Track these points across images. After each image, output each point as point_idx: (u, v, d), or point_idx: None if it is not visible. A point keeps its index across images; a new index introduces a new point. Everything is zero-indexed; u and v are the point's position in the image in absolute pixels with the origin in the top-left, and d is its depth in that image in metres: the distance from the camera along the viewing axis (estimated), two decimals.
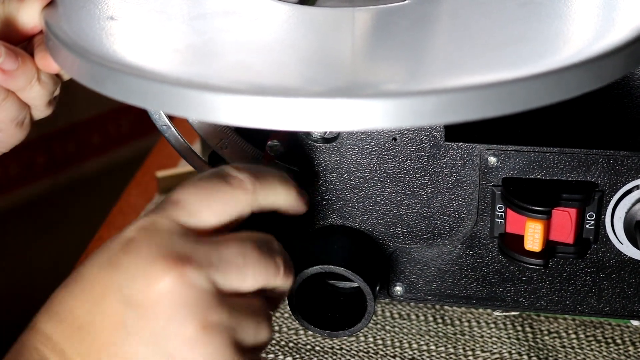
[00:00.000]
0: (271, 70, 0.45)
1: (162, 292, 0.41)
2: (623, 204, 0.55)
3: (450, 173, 0.56)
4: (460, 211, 0.57)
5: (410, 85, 0.42)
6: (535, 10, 0.51)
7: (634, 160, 0.54)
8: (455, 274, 0.59)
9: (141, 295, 0.41)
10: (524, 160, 0.55)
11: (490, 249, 0.58)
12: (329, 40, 0.51)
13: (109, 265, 0.42)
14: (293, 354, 0.62)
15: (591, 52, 0.43)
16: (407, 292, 0.60)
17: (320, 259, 0.55)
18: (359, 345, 0.63)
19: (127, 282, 0.41)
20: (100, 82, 0.45)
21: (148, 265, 0.41)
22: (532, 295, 0.59)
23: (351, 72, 0.46)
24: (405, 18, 0.52)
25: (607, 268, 0.57)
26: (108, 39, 0.48)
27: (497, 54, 0.45)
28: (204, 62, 0.47)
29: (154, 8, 0.54)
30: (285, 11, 0.54)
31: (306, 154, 0.57)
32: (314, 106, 0.40)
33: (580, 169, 0.54)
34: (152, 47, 0.48)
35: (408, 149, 0.56)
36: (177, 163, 0.89)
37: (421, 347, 0.62)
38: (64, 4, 0.53)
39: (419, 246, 0.59)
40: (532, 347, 0.62)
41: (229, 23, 0.52)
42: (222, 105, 0.41)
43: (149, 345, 0.41)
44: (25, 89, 0.52)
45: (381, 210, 0.58)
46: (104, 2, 0.54)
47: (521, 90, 0.41)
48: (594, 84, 0.43)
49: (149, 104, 0.43)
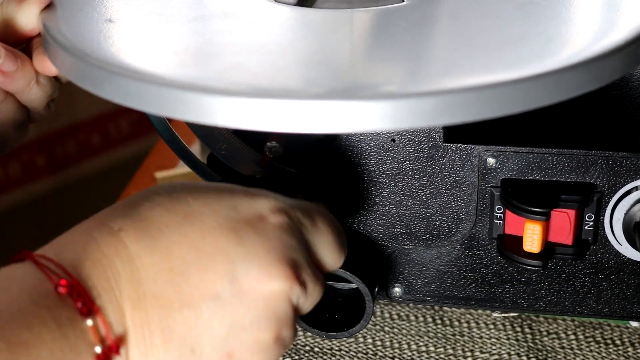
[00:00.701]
0: (269, 72, 0.45)
1: (268, 293, 0.41)
2: (622, 205, 0.55)
3: (449, 174, 0.56)
4: (459, 212, 0.57)
5: (409, 87, 0.42)
6: (533, 11, 0.50)
7: (632, 162, 0.54)
8: (454, 275, 0.59)
9: (249, 284, 0.41)
10: (523, 161, 0.55)
11: (489, 250, 0.58)
12: (327, 42, 0.51)
13: (233, 231, 0.41)
14: (292, 355, 0.62)
15: (590, 53, 0.43)
16: (406, 293, 0.60)
17: None
18: (357, 346, 0.63)
19: (244, 264, 0.41)
20: (98, 85, 0.45)
21: (270, 261, 0.41)
22: (531, 296, 0.59)
23: (349, 73, 0.46)
24: (404, 19, 0.52)
25: (606, 269, 0.57)
26: (106, 42, 0.48)
27: (496, 55, 0.45)
28: (201, 64, 0.47)
29: (153, 10, 0.54)
30: (283, 13, 0.54)
31: (305, 155, 0.57)
32: (312, 108, 0.40)
33: (579, 170, 0.54)
34: (150, 50, 0.48)
35: (407, 151, 0.56)
36: (176, 164, 0.89)
37: (420, 348, 0.62)
38: (62, 7, 0.53)
39: (418, 247, 0.59)
40: (531, 348, 0.62)
41: (227, 25, 0.52)
42: (220, 107, 0.41)
43: (223, 329, 0.41)
44: (24, 91, 0.52)
45: (380, 211, 0.58)
46: (102, 5, 0.54)
47: (520, 91, 0.41)
48: (592, 85, 0.43)
49: (146, 106, 0.43)
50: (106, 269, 0.40)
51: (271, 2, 0.56)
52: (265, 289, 0.41)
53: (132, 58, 0.46)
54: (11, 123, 0.54)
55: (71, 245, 0.41)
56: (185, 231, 0.41)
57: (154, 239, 0.41)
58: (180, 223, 0.41)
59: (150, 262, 0.40)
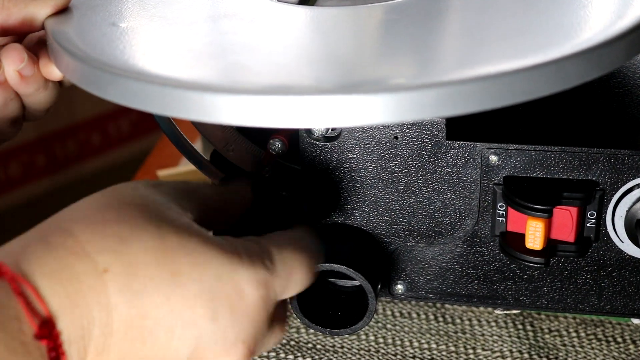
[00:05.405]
0: (271, 70, 0.45)
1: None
2: (624, 203, 0.55)
3: (452, 172, 0.56)
4: (461, 210, 0.57)
5: (411, 80, 0.42)
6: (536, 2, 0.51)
7: (634, 159, 0.54)
8: (456, 273, 0.59)
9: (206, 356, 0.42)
10: (525, 158, 0.55)
11: (492, 248, 0.58)
12: (328, 39, 0.51)
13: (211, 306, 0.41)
14: (294, 352, 0.62)
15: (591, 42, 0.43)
16: (408, 290, 0.60)
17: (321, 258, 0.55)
18: (360, 343, 0.63)
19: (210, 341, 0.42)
20: (103, 88, 0.45)
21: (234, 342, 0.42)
22: (533, 293, 0.59)
23: (352, 69, 0.46)
24: (406, 14, 0.52)
25: (608, 266, 0.57)
26: (110, 45, 0.49)
27: (498, 46, 0.45)
28: (205, 64, 0.47)
29: (155, 13, 0.54)
30: (285, 12, 0.54)
31: (308, 152, 0.57)
32: (315, 103, 0.40)
33: (581, 167, 0.54)
34: (154, 52, 0.49)
35: (409, 148, 0.56)
36: (177, 162, 0.89)
37: (422, 345, 0.62)
38: (66, 12, 0.53)
39: (420, 245, 0.59)
40: (532, 345, 0.62)
41: (229, 26, 0.52)
42: (223, 105, 0.41)
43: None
44: (32, 94, 0.53)
45: (382, 208, 0.58)
46: (106, 10, 0.54)
47: (520, 81, 0.41)
48: (594, 73, 0.43)
49: (151, 107, 0.43)
50: (83, 316, 0.39)
51: (273, 2, 0.56)
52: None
53: (136, 60, 0.46)
54: (10, 120, 0.55)
55: (45, 267, 0.39)
56: (168, 294, 0.40)
57: (137, 295, 0.40)
58: (166, 283, 0.40)
59: (127, 316, 0.40)
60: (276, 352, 0.62)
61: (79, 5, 0.54)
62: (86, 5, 0.55)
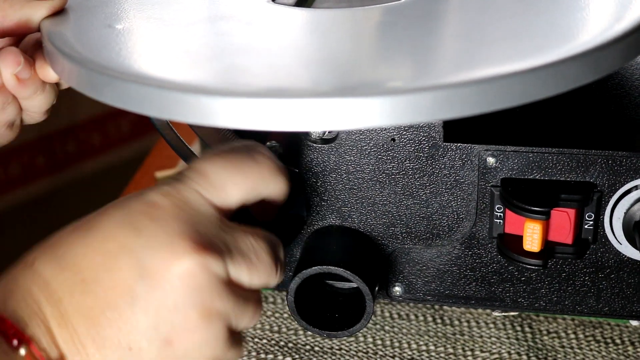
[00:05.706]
0: (268, 73, 0.45)
1: (180, 272, 0.41)
2: (622, 205, 0.55)
3: (449, 174, 0.56)
4: (459, 212, 0.57)
5: (408, 83, 0.42)
6: (534, 3, 0.50)
7: (632, 161, 0.54)
8: (454, 275, 0.59)
9: (158, 269, 0.41)
10: (523, 160, 0.55)
11: (489, 250, 0.58)
12: (325, 41, 0.51)
13: (130, 225, 0.42)
14: (292, 354, 0.62)
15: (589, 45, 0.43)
16: (406, 292, 0.60)
17: (319, 260, 0.55)
18: (358, 345, 0.63)
19: (147, 252, 0.42)
20: (99, 90, 0.45)
21: (171, 241, 0.42)
22: (531, 295, 0.59)
23: (349, 72, 0.46)
24: (403, 16, 0.52)
25: (606, 268, 0.57)
26: (106, 47, 0.48)
27: (496, 48, 0.45)
28: (201, 66, 0.47)
29: (152, 15, 0.54)
30: (282, 14, 0.54)
31: (305, 155, 0.57)
32: (311, 106, 0.40)
33: (579, 169, 0.54)
34: (150, 54, 0.48)
35: (407, 150, 0.56)
36: (176, 163, 0.89)
37: (420, 347, 0.62)
38: (62, 15, 0.53)
39: (418, 247, 0.59)
40: (531, 347, 0.62)
41: (225, 27, 0.52)
42: (220, 108, 0.41)
43: (150, 319, 0.41)
44: (30, 97, 0.53)
45: (380, 210, 0.58)
46: (102, 11, 0.54)
47: (518, 84, 0.41)
48: (591, 76, 0.43)
49: (148, 110, 0.43)
50: (26, 297, 0.41)
51: (270, 4, 0.56)
52: (176, 269, 0.41)
53: (132, 63, 0.46)
54: (8, 124, 0.55)
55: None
56: (87, 241, 0.42)
57: (62, 258, 0.42)
58: (83, 235, 0.43)
59: (64, 279, 0.41)
60: (274, 354, 0.62)
61: (76, 6, 0.54)
62: (83, 7, 0.54)
